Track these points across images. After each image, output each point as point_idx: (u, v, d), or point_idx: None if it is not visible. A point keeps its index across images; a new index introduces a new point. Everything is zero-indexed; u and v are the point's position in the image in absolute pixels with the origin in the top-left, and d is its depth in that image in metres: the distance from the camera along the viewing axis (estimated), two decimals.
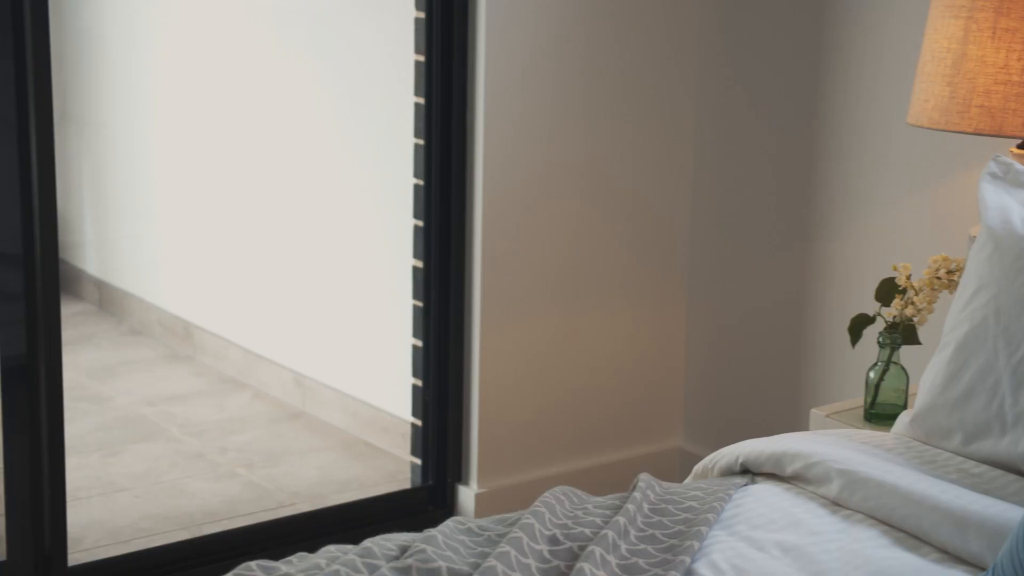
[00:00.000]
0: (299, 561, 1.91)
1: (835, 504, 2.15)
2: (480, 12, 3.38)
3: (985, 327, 2.28)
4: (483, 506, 3.59)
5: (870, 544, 2.01)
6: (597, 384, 3.78)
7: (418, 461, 3.73)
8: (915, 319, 2.86)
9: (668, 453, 3.91)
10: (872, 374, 2.90)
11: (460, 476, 3.66)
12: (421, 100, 3.51)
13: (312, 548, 2.05)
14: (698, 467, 2.40)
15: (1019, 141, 2.73)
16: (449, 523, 2.02)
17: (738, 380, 3.78)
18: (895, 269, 2.89)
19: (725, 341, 3.80)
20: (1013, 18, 2.54)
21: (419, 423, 3.70)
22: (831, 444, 2.29)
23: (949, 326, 2.36)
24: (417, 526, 2.13)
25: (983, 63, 2.57)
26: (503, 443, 3.64)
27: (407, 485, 3.82)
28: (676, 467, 3.85)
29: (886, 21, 3.30)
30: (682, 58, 3.74)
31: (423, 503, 3.69)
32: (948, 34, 2.63)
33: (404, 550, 1.93)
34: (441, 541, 1.94)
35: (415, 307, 3.66)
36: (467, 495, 3.63)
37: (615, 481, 3.65)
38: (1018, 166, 2.41)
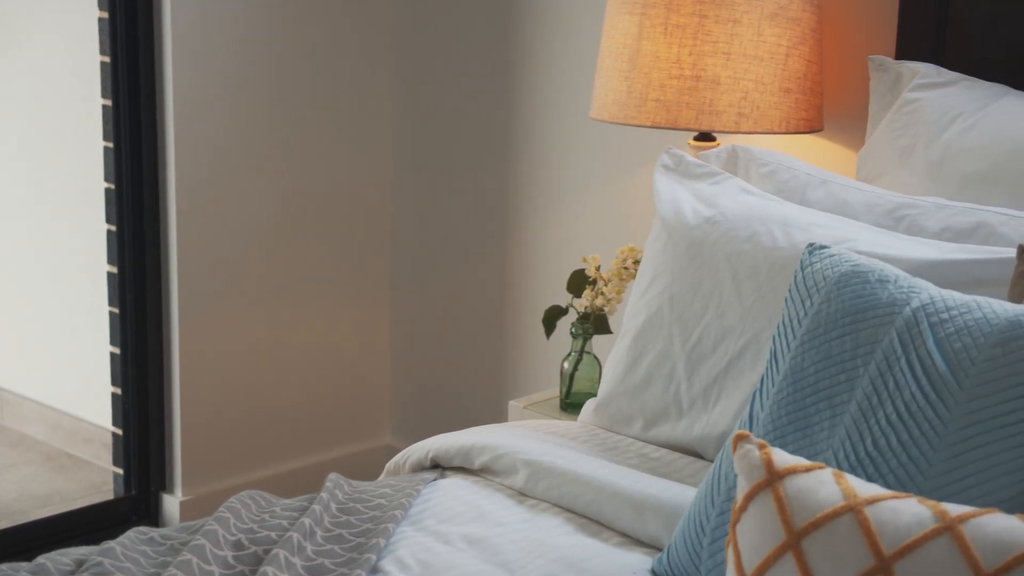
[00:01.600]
0: None
1: (521, 495, 2.18)
2: (165, 10, 3.31)
3: (661, 315, 2.34)
4: (189, 513, 3.53)
5: (554, 532, 2.05)
6: (303, 385, 3.76)
7: (120, 471, 3.65)
8: (605, 309, 2.93)
9: (377, 451, 3.92)
10: (567, 364, 2.96)
11: (164, 484, 3.59)
12: (108, 102, 3.43)
13: None
14: (390, 464, 2.41)
15: (695, 133, 2.82)
16: (130, 534, 1.97)
17: (443, 375, 3.80)
18: (584, 261, 2.95)
19: (429, 337, 3.83)
20: (683, 14, 2.61)
21: (120, 432, 3.62)
22: (518, 435, 2.32)
23: (628, 315, 2.42)
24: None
25: (657, 58, 2.64)
26: (208, 449, 3.59)
27: (111, 496, 3.74)
28: (385, 465, 3.86)
29: (571, 19, 3.36)
30: (378, 58, 3.74)
31: (127, 514, 3.61)
32: (624, 30, 2.69)
33: (80, 564, 1.87)
34: (120, 553, 1.89)
35: (111, 314, 3.58)
36: (172, 503, 3.56)
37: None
38: (689, 158, 2.48)
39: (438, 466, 2.33)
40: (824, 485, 1.57)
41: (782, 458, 1.62)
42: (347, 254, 3.79)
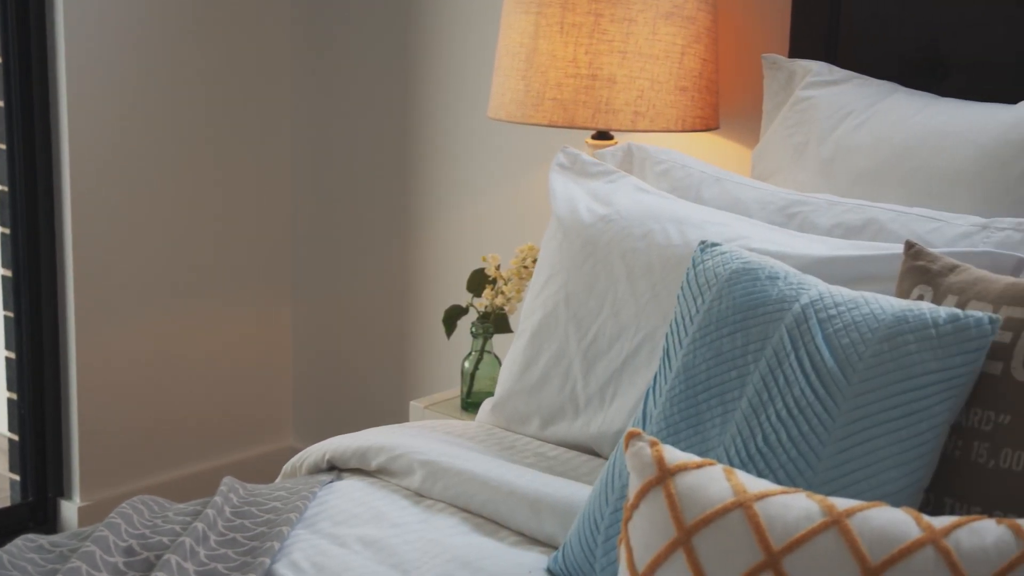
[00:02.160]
0: None
1: (418, 495, 2.17)
2: (57, 9, 3.27)
3: (557, 314, 2.34)
4: (87, 519, 3.49)
5: (450, 532, 2.04)
6: (204, 388, 3.73)
7: (17, 477, 3.59)
8: (505, 308, 2.92)
9: (280, 453, 3.89)
10: (467, 364, 2.95)
11: (62, 490, 3.54)
12: (0, 103, 3.38)
13: None
14: (287, 467, 2.38)
15: (593, 132, 2.83)
16: (18, 541, 1.94)
17: (345, 376, 3.79)
18: (484, 260, 2.95)
19: (331, 338, 3.81)
20: (579, 13, 2.62)
21: (16, 438, 3.56)
22: (415, 436, 2.31)
23: (524, 314, 2.42)
24: None
25: (553, 57, 2.64)
26: (106, 454, 3.54)
27: (8, 503, 3.68)
28: None
29: (468, 19, 3.36)
30: (276, 57, 3.72)
31: (24, 520, 3.56)
32: (520, 29, 2.69)
33: None
34: (7, 561, 1.86)
35: (6, 317, 3.53)
36: (70, 509, 3.52)
37: None
38: (584, 157, 2.48)
39: (335, 468, 2.31)
40: (714, 482, 1.58)
41: (673, 455, 1.62)
42: (247, 255, 3.76)
